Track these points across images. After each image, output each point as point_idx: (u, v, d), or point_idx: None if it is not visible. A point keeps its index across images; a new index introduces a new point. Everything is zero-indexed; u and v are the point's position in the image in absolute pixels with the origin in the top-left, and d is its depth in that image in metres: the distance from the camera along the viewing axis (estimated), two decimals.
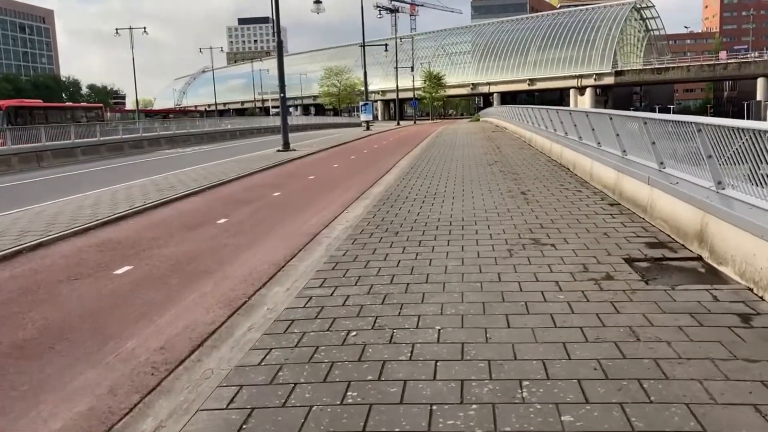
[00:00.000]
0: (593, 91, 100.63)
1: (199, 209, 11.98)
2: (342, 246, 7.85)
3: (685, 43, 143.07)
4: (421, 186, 13.27)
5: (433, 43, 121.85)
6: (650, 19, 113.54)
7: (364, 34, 53.14)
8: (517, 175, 14.15)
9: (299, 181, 16.31)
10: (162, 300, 6.28)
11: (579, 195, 11.01)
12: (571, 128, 15.21)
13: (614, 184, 10.56)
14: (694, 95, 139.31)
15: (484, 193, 11.84)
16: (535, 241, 7.63)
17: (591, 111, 12.78)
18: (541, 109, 21.12)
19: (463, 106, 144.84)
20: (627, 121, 10.15)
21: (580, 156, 13.64)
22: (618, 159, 10.57)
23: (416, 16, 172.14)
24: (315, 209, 11.56)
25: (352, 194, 13.23)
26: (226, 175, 17.03)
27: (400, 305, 5.38)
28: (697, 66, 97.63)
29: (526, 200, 10.71)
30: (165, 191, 14.03)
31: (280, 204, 12.51)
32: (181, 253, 8.32)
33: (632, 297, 5.36)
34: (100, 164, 25.18)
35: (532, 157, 18.26)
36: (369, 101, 59.40)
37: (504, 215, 9.39)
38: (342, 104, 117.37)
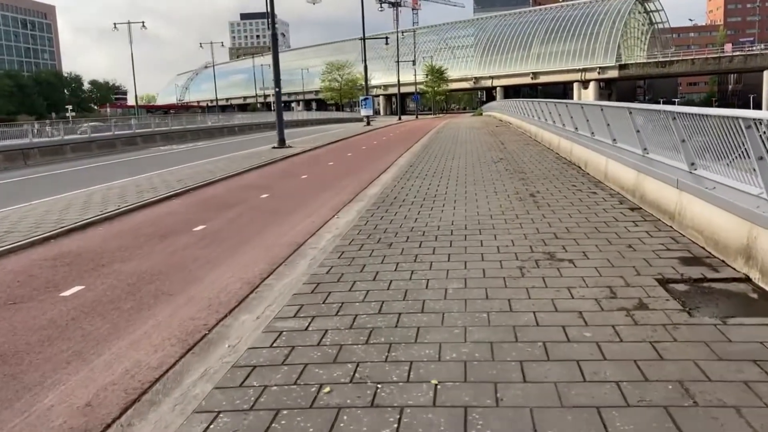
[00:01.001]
0: (597, 84, 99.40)
1: (177, 214, 10.95)
2: (327, 261, 6.82)
3: (689, 36, 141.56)
4: (420, 187, 12.23)
5: (435, 37, 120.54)
6: (654, 12, 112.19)
7: (364, 27, 52.03)
8: (524, 174, 13.10)
9: (291, 181, 15.28)
10: (107, 332, 5.25)
11: (594, 198, 9.96)
12: (583, 123, 14.14)
13: (634, 186, 9.51)
14: (697, 89, 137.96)
15: (489, 195, 10.80)
16: (550, 255, 6.58)
17: (606, 104, 11.74)
18: (548, 102, 20.04)
19: (465, 100, 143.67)
20: (650, 115, 9.08)
21: (593, 153, 12.58)
22: (638, 158, 9.51)
23: (418, 10, 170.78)
24: (303, 214, 10.53)
25: (346, 196, 12.20)
26: (214, 175, 16.01)
27: (389, 345, 4.35)
28: (702, 59, 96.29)
29: (535, 204, 9.66)
30: (145, 193, 13.01)
31: (267, 208, 11.48)
32: (145, 268, 7.30)
33: (675, 335, 4.33)
34: (88, 162, 24.17)
35: (539, 154, 17.20)
36: (369, 96, 58.30)
37: (512, 222, 8.34)
38: (344, 99, 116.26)
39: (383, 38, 62.50)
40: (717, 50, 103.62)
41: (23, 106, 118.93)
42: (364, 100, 57.12)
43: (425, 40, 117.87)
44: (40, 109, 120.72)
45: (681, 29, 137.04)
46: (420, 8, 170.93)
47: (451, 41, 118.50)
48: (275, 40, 25.11)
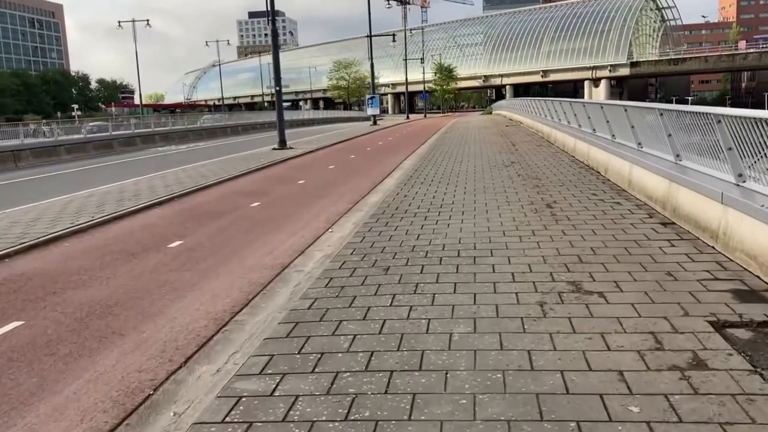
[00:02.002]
0: (608, 82, 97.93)
1: (155, 226, 9.94)
2: (312, 290, 5.79)
3: (701, 34, 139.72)
4: (425, 195, 11.18)
5: (444, 35, 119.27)
6: (666, 8, 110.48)
7: (371, 24, 50.93)
8: (538, 181, 12.02)
9: (286, 187, 14.25)
10: (27, 392, 4.24)
11: (619, 209, 8.88)
12: (602, 125, 13.04)
13: (664, 197, 8.42)
14: (709, 86, 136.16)
15: (501, 205, 9.73)
16: (576, 286, 5.52)
17: (631, 104, 10.65)
18: (563, 102, 18.92)
19: (474, 99, 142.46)
20: (686, 118, 7.98)
21: (614, 158, 11.50)
22: (670, 165, 8.43)
23: (427, 8, 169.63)
24: (294, 227, 9.51)
25: (343, 205, 11.17)
26: (206, 180, 15.02)
27: (374, 424, 3.32)
28: (716, 56, 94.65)
29: (553, 217, 8.59)
30: (126, 201, 12.02)
31: (256, 219, 10.45)
32: (102, 297, 6.29)
33: (751, 411, 3.27)
34: (81, 164, 23.23)
35: (553, 157, 16.10)
36: (376, 94, 57.21)
37: (528, 241, 7.28)
38: (351, 97, 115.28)
39: (390, 36, 61.28)
40: (730, 47, 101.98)
41: (30, 105, 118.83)
42: (370, 99, 56.04)
43: (434, 38, 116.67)
44: (47, 109, 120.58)
45: (693, 26, 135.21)
46: (429, 6, 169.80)
47: (460, 39, 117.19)
48: (275, 37, 24.10)
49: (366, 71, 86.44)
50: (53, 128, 27.04)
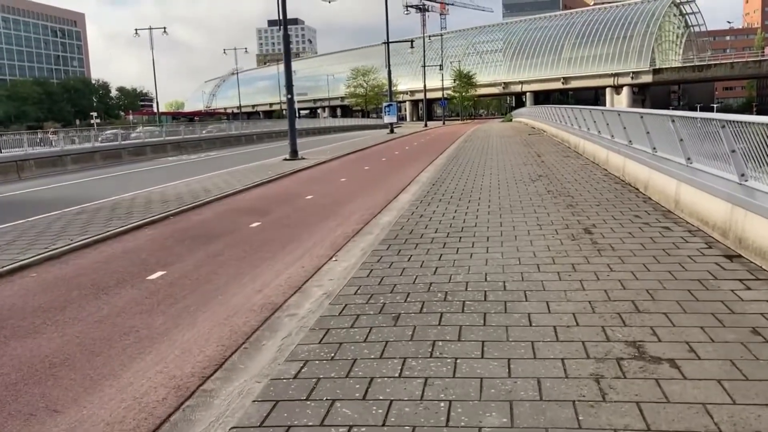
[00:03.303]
0: (630, 89, 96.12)
1: (139, 252, 8.83)
2: (302, 348, 4.63)
3: (725, 40, 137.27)
4: (443, 214, 9.99)
5: (463, 41, 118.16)
6: (690, 14, 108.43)
7: (388, 31, 49.91)
8: (571, 199, 10.78)
9: (292, 204, 13.12)
10: None
11: (669, 236, 7.63)
12: (640, 136, 11.77)
13: (725, 223, 7.16)
14: (734, 93, 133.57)
15: (532, 228, 8.52)
16: (638, 349, 4.30)
17: (678, 114, 9.40)
18: (593, 110, 17.64)
19: (494, 106, 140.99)
20: (754, 130, 6.72)
21: (656, 174, 10.24)
22: (732, 186, 7.17)
23: (446, 15, 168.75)
24: (294, 253, 8.36)
25: (352, 226, 10.01)
26: (208, 194, 13.94)
27: None
28: (742, 63, 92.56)
29: (594, 245, 7.36)
30: (115, 220, 10.95)
31: (252, 243, 9.30)
32: (51, 350, 5.18)
33: None
34: (86, 175, 22.30)
35: (583, 170, 14.83)
36: (394, 102, 56.14)
37: (569, 278, 6.06)
38: (369, 105, 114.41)
39: (408, 42, 60.19)
40: (756, 54, 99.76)
41: (51, 113, 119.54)
42: (387, 107, 54.96)
43: (453, 44, 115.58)
44: (68, 117, 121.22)
45: (717, 32, 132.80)
46: (448, 13, 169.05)
47: (480, 46, 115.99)
48: (287, 43, 23.09)
49: (384, 78, 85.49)
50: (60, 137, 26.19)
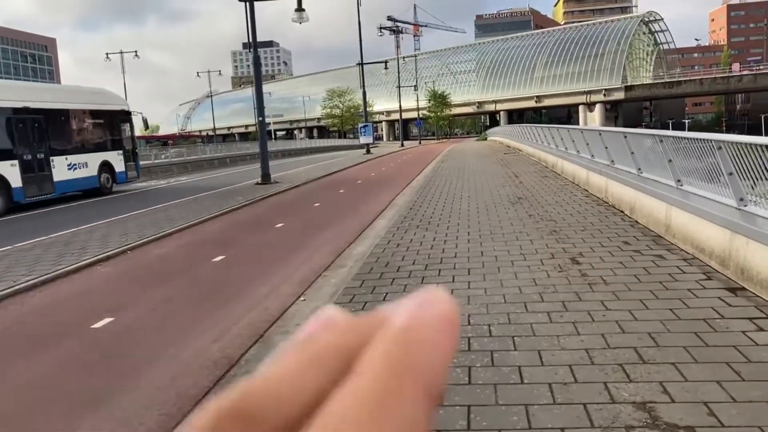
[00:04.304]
0: (603, 107, 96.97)
1: (88, 294, 8.04)
2: None
3: (693, 57, 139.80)
4: (421, 243, 9.37)
5: (437, 62, 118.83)
6: (659, 32, 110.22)
7: (362, 52, 49.58)
8: (554, 224, 10.22)
9: (260, 233, 12.41)
10: None
11: (664, 266, 7.07)
12: (623, 155, 11.32)
13: (724, 251, 6.62)
14: (703, 109, 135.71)
15: (515, 258, 7.92)
16: (650, 413, 3.68)
17: (665, 134, 8.93)
18: (571, 129, 17.25)
19: (469, 125, 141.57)
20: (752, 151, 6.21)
21: (643, 196, 9.73)
22: (728, 211, 6.66)
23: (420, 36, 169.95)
24: (258, 292, 7.66)
25: (323, 258, 9.32)
26: (172, 224, 13.14)
27: None
28: (711, 79, 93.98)
29: (584, 278, 6.77)
30: (68, 256, 10.09)
31: (213, 281, 8.55)
32: None
33: None
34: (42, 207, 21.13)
35: (563, 192, 14.33)
36: (369, 122, 55.73)
37: (560, 320, 5.45)
38: (346, 126, 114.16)
39: (382, 63, 60.04)
40: (724, 70, 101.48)
41: None
42: (363, 128, 54.50)
43: (427, 65, 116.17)
44: None
45: (685, 50, 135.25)
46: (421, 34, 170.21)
47: (453, 66, 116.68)
48: (257, 65, 22.44)
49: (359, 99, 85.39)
50: None
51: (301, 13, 22.85)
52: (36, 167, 18.76)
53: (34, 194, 18.58)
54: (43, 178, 19.02)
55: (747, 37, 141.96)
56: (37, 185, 18.72)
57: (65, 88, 25.33)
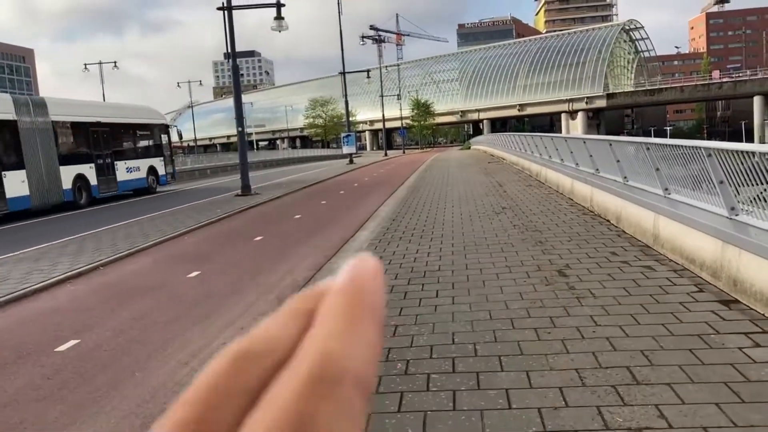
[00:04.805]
0: (585, 114, 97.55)
1: (55, 314, 7.63)
2: None
3: (674, 64, 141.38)
4: (404, 256, 9.10)
5: (419, 71, 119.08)
6: (639, 40, 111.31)
7: (344, 61, 49.41)
8: (539, 234, 10.00)
9: (238, 247, 12.06)
10: None
11: (653, 278, 6.85)
12: (608, 164, 11.15)
13: (715, 262, 6.42)
14: (684, 116, 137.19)
15: (501, 271, 7.67)
16: None
17: (652, 141, 8.74)
18: (554, 137, 17.11)
19: (452, 134, 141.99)
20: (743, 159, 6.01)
21: (630, 205, 9.54)
22: (719, 220, 6.47)
23: (402, 45, 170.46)
24: (233, 311, 7.34)
25: (303, 273, 9.02)
26: (147, 239, 12.76)
27: None
28: (691, 86, 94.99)
29: (571, 291, 6.54)
30: (35, 274, 9.71)
31: (187, 299, 8.21)
32: None
33: None
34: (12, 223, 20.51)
35: (548, 200, 14.14)
36: (352, 132, 55.51)
37: (548, 337, 5.19)
38: (329, 135, 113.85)
39: (365, 72, 59.90)
40: (704, 77, 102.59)
41: None
42: (346, 137, 54.24)
43: (410, 74, 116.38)
44: None
45: (666, 57, 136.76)
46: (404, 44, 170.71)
47: (436, 75, 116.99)
48: (236, 75, 22.16)
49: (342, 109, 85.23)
50: None
51: (280, 22, 22.56)
52: (105, 169, 23.52)
53: (105, 191, 23.41)
54: (110, 178, 23.88)
55: (726, 44, 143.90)
56: (106, 184, 23.54)
57: (124, 105, 30.27)
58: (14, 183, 18.53)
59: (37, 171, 19.74)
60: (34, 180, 19.46)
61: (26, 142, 19.39)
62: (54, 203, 20.36)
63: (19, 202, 18.75)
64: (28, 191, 19.16)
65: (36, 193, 19.55)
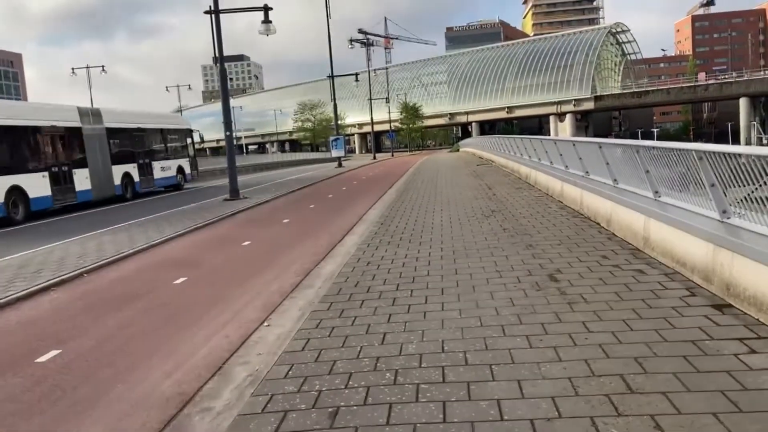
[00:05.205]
0: (573, 117, 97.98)
1: (36, 323, 7.46)
2: None
3: (660, 67, 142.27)
4: (392, 260, 8.99)
5: (408, 74, 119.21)
6: (626, 43, 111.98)
7: (332, 65, 49.29)
8: (530, 237, 9.91)
9: (226, 252, 11.91)
10: None
11: (645, 282, 6.77)
12: (598, 167, 11.08)
13: (707, 266, 6.34)
14: (670, 118, 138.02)
15: (491, 276, 7.57)
16: None
17: (642, 144, 8.66)
18: (544, 140, 17.06)
19: (441, 137, 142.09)
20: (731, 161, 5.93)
21: (620, 208, 9.47)
22: (711, 224, 6.39)
23: (391, 49, 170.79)
24: (221, 318, 7.20)
25: (290, 279, 8.89)
26: (133, 244, 12.58)
27: None
28: (678, 88, 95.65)
29: (563, 297, 6.44)
30: (18, 282, 9.49)
31: (173, 306, 8.07)
32: None
33: None
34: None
35: (538, 204, 14.08)
36: (341, 135, 55.38)
37: (540, 344, 5.09)
38: (318, 139, 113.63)
39: (353, 75, 59.80)
40: (691, 79, 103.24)
41: None
42: (334, 141, 54.13)
43: (398, 77, 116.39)
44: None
45: (651, 60, 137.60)
46: (392, 47, 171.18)
47: (425, 78, 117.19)
48: (224, 78, 21.97)
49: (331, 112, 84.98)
50: None
51: (268, 26, 22.40)
52: (145, 168, 27.44)
53: (145, 187, 27.45)
54: (149, 176, 27.84)
55: (711, 47, 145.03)
56: (146, 181, 27.55)
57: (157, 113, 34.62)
58: (80, 179, 22.29)
59: (97, 169, 23.39)
60: (94, 177, 23.16)
61: (88, 145, 23.09)
62: (108, 196, 24.14)
63: (83, 195, 22.44)
64: (90, 186, 22.89)
65: (96, 187, 23.27)
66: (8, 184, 18.44)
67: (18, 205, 18.79)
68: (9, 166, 18.90)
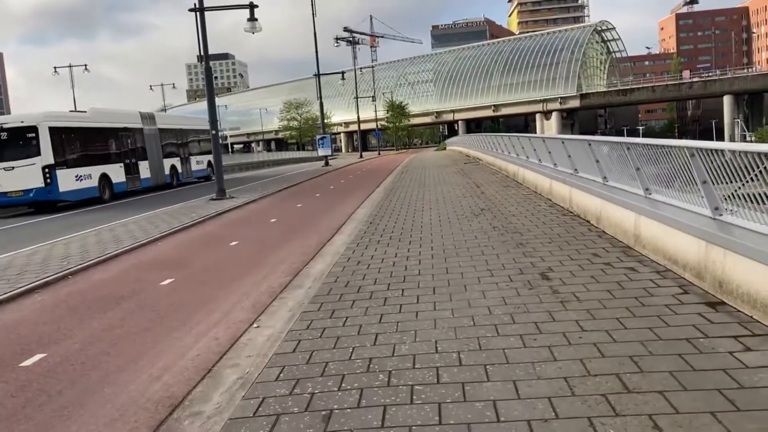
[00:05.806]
0: (559, 115, 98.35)
1: (20, 326, 7.32)
2: None
3: (645, 65, 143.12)
4: (382, 260, 8.92)
5: (394, 73, 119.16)
6: (611, 41, 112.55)
7: (318, 63, 49.07)
8: (520, 236, 9.88)
9: (214, 252, 11.79)
10: None
11: (637, 280, 6.74)
12: (587, 164, 11.08)
13: (699, 263, 6.32)
14: (655, 116, 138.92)
15: (482, 275, 7.52)
16: None
17: (631, 141, 8.64)
18: (532, 138, 17.05)
19: (427, 135, 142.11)
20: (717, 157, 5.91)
21: (610, 205, 9.46)
22: (703, 221, 6.38)
23: (377, 47, 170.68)
24: (209, 320, 7.09)
25: (279, 279, 8.80)
26: (118, 245, 12.42)
27: None
28: (663, 86, 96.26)
29: (556, 295, 6.40)
30: (2, 283, 9.39)
31: (160, 307, 7.94)
32: None
33: None
34: None
35: (526, 201, 14.06)
36: (327, 134, 55.19)
37: (534, 344, 5.04)
38: (304, 138, 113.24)
39: (339, 74, 59.62)
40: (675, 77, 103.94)
41: None
42: (321, 139, 53.93)
43: (384, 76, 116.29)
44: None
45: (637, 58, 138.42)
46: (378, 45, 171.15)
47: (411, 76, 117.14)
48: (209, 76, 21.76)
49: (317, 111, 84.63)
50: None
51: (253, 23, 22.23)
52: (186, 162, 32.91)
53: (186, 178, 32.80)
54: (189, 169, 33.23)
55: (695, 45, 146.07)
56: (186, 173, 32.86)
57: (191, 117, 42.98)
58: (143, 169, 27.96)
59: (154, 161, 28.96)
60: (152, 168, 28.72)
61: (147, 143, 28.61)
62: (160, 184, 29.49)
63: (145, 182, 28.23)
64: (150, 175, 28.57)
65: (153, 177, 28.91)
66: (100, 172, 24.33)
67: (105, 188, 24.68)
68: (100, 157, 24.78)
